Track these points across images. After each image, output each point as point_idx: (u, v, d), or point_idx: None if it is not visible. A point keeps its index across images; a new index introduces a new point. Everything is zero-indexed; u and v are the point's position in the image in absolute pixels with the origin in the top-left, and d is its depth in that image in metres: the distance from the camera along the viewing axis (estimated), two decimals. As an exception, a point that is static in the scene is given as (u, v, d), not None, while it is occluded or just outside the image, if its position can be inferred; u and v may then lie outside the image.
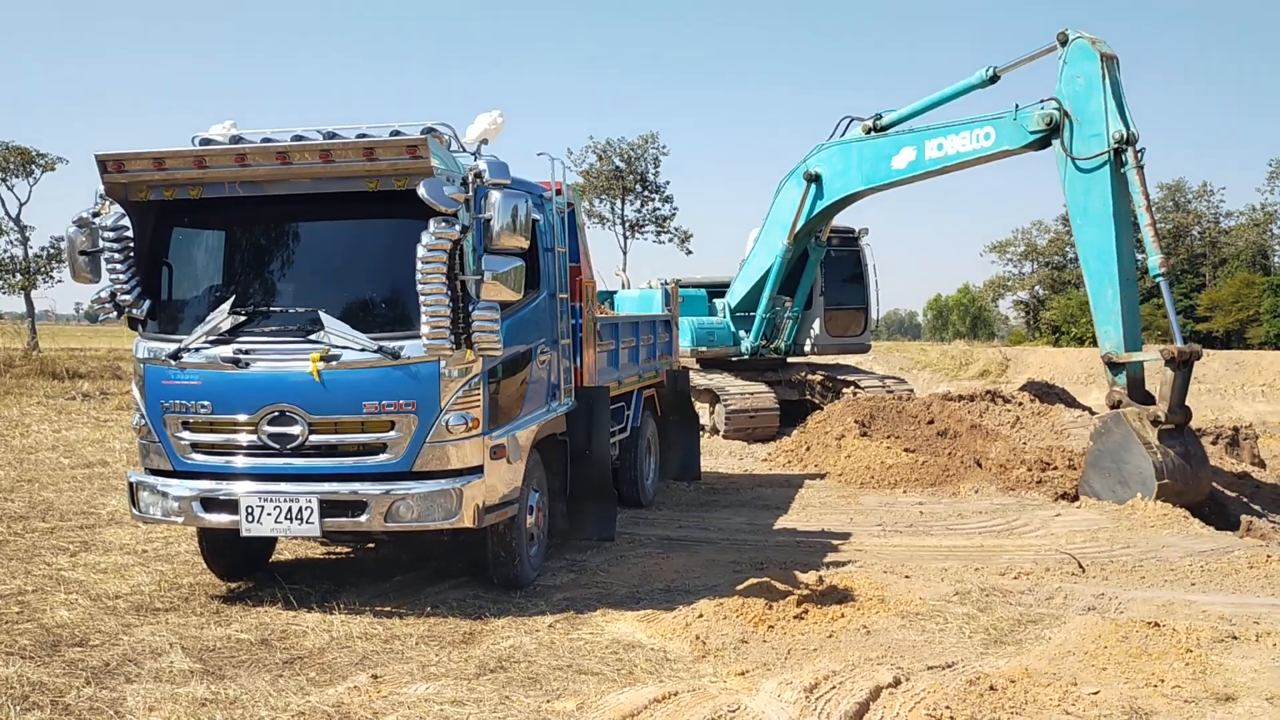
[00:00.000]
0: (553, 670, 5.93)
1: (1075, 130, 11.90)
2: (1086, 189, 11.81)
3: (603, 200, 59.90)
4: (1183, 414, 10.92)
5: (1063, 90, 12.05)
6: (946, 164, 13.67)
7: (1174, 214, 72.96)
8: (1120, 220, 11.58)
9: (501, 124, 7.62)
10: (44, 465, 13.44)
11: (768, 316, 18.03)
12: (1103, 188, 11.59)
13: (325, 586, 7.74)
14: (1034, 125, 12.28)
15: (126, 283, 7.17)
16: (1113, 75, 11.59)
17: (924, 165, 13.94)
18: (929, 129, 14.02)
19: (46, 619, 6.87)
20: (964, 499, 11.81)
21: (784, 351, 18.77)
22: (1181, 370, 10.77)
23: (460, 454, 6.97)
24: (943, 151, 13.62)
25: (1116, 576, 8.20)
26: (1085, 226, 11.94)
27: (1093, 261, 11.94)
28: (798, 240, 16.79)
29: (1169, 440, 10.87)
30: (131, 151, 6.98)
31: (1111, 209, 11.53)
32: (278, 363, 6.95)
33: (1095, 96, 11.63)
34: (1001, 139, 12.89)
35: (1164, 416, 10.77)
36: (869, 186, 15.14)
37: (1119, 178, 11.48)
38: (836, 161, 15.60)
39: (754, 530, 10.19)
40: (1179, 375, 10.76)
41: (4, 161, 50.59)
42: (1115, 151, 11.43)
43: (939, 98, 14.28)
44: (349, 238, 7.43)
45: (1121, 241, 11.61)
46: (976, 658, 6.04)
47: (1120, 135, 11.37)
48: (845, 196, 15.62)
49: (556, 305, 8.49)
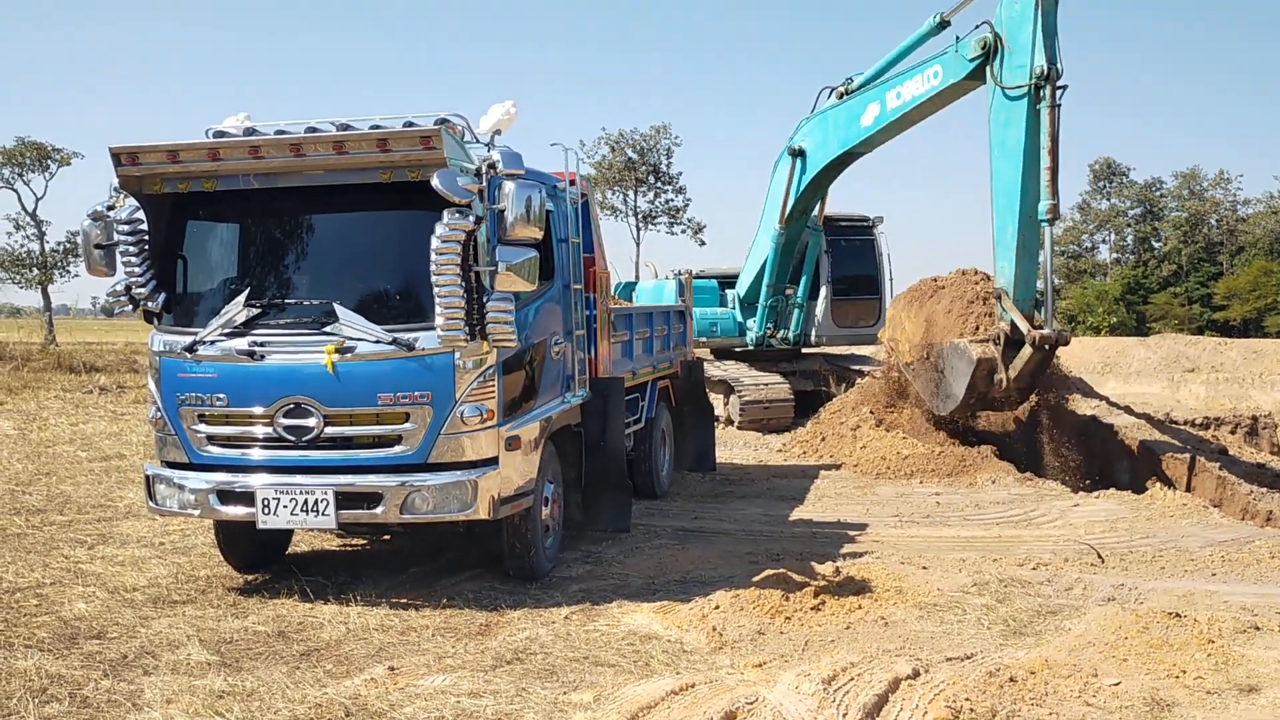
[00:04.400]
0: (569, 662, 5.91)
1: (1006, 59, 11.69)
2: (1006, 121, 11.64)
3: (615, 192, 59.89)
4: (1017, 395, 10.95)
5: (1001, 15, 11.84)
6: (907, 109, 13.52)
7: (1190, 201, 72.49)
8: (1030, 157, 11.37)
9: (515, 114, 7.59)
10: (61, 458, 13.51)
11: (769, 305, 17.95)
12: (1020, 121, 11.41)
13: (341, 578, 7.75)
14: (971, 52, 12.09)
15: (141, 276, 7.18)
16: (1046, 8, 11.34)
17: (888, 116, 13.84)
18: (887, 80, 13.96)
19: (65, 611, 6.90)
20: (981, 489, 11.74)
21: (792, 341, 18.59)
22: (1039, 352, 10.63)
23: (475, 445, 6.96)
24: (901, 99, 13.53)
25: (1136, 567, 8.14)
26: (999, 159, 11.77)
27: (1000, 196, 11.76)
28: (791, 223, 16.67)
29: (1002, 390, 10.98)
30: (146, 145, 6.98)
31: (1024, 145, 11.34)
32: (293, 355, 6.95)
33: (1027, 26, 11.43)
34: (947, 73, 12.74)
35: (1002, 385, 10.80)
36: (845, 149, 15.05)
37: (1036, 114, 11.31)
38: (816, 133, 15.58)
39: (770, 521, 10.16)
40: (1035, 356, 10.65)
41: (20, 157, 50.93)
42: (1036, 87, 11.25)
43: (896, 53, 14.07)
44: (363, 229, 7.41)
45: (1028, 180, 11.42)
46: (996, 649, 6.00)
47: (1042, 70, 11.15)
48: (827, 165, 15.55)
49: (571, 296, 8.46)
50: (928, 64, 13.11)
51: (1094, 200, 76.82)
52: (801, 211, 16.76)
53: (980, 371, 10.90)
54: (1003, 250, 11.62)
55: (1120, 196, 76.24)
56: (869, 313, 18.98)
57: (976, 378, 10.92)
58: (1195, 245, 71.37)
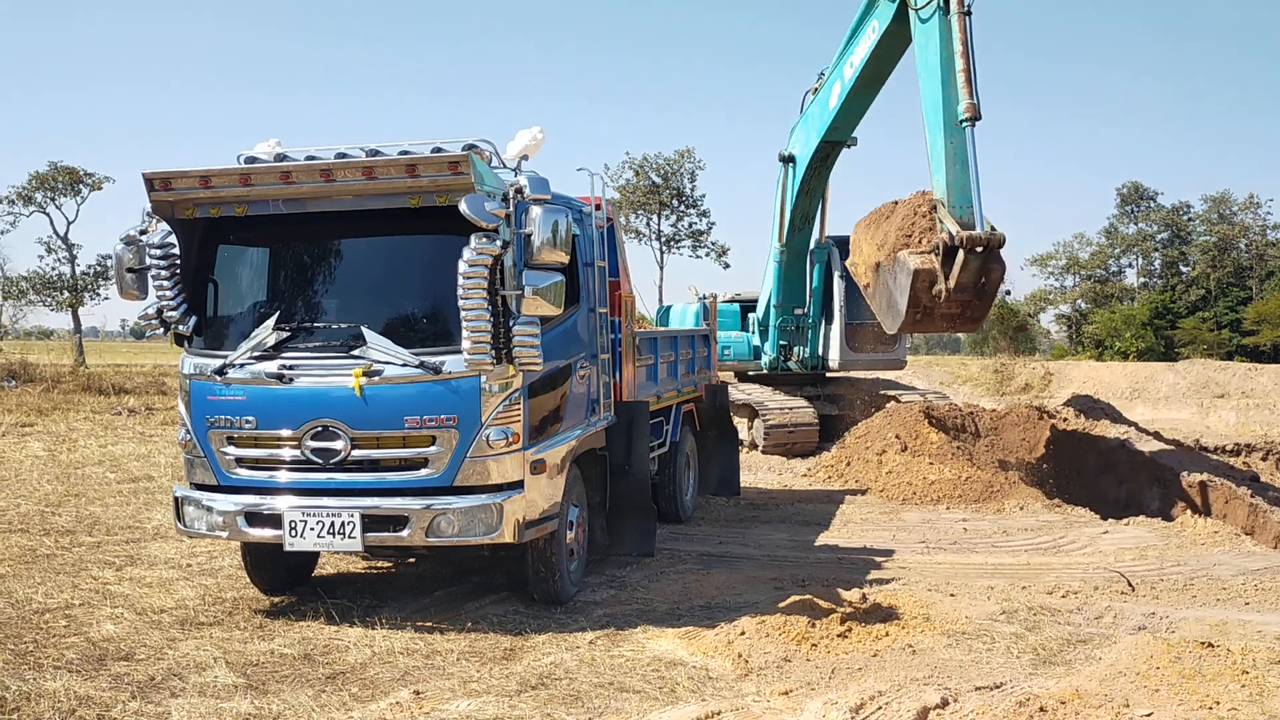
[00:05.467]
0: (594, 688, 5.89)
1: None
2: (925, 43, 11.57)
3: (639, 215, 60.05)
4: (961, 307, 10.72)
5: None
6: (861, 73, 13.44)
7: (1220, 225, 71.89)
8: (947, 68, 11.23)
9: (542, 140, 7.66)
10: (90, 480, 13.62)
11: (779, 326, 17.88)
12: (935, 37, 11.35)
13: (367, 601, 7.76)
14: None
15: (173, 299, 7.25)
16: None
17: (847, 87, 13.81)
18: (842, 55, 13.95)
19: (93, 632, 6.94)
20: (1009, 515, 11.64)
21: (809, 365, 18.42)
22: (974, 256, 10.42)
23: (501, 469, 6.98)
24: (854, 66, 13.49)
25: (1167, 595, 8.03)
26: (924, 80, 11.67)
27: (929, 115, 11.57)
28: (793, 237, 16.66)
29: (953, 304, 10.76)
30: (178, 170, 7.07)
31: (940, 57, 11.25)
32: (321, 378, 7.00)
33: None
34: (881, 21, 12.66)
35: (942, 296, 10.62)
36: (822, 138, 15.06)
37: (948, 26, 11.20)
38: (800, 133, 15.69)
39: (795, 546, 10.11)
40: (972, 262, 10.42)
41: (52, 181, 51.67)
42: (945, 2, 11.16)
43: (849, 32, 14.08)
44: (391, 254, 7.47)
45: (948, 90, 11.24)
46: (1025, 678, 5.93)
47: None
48: (811, 161, 15.61)
49: (596, 320, 8.48)
50: (865, 22, 13.12)
51: (1121, 224, 76.35)
52: (803, 220, 16.74)
53: (919, 283, 10.64)
54: (935, 163, 11.42)
55: (1148, 221, 75.72)
56: (888, 337, 18.50)
57: (917, 290, 10.65)
58: (1224, 270, 70.70)
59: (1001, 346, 43.76)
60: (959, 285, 10.54)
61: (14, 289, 54.55)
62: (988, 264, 10.60)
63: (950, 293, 10.62)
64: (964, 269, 10.51)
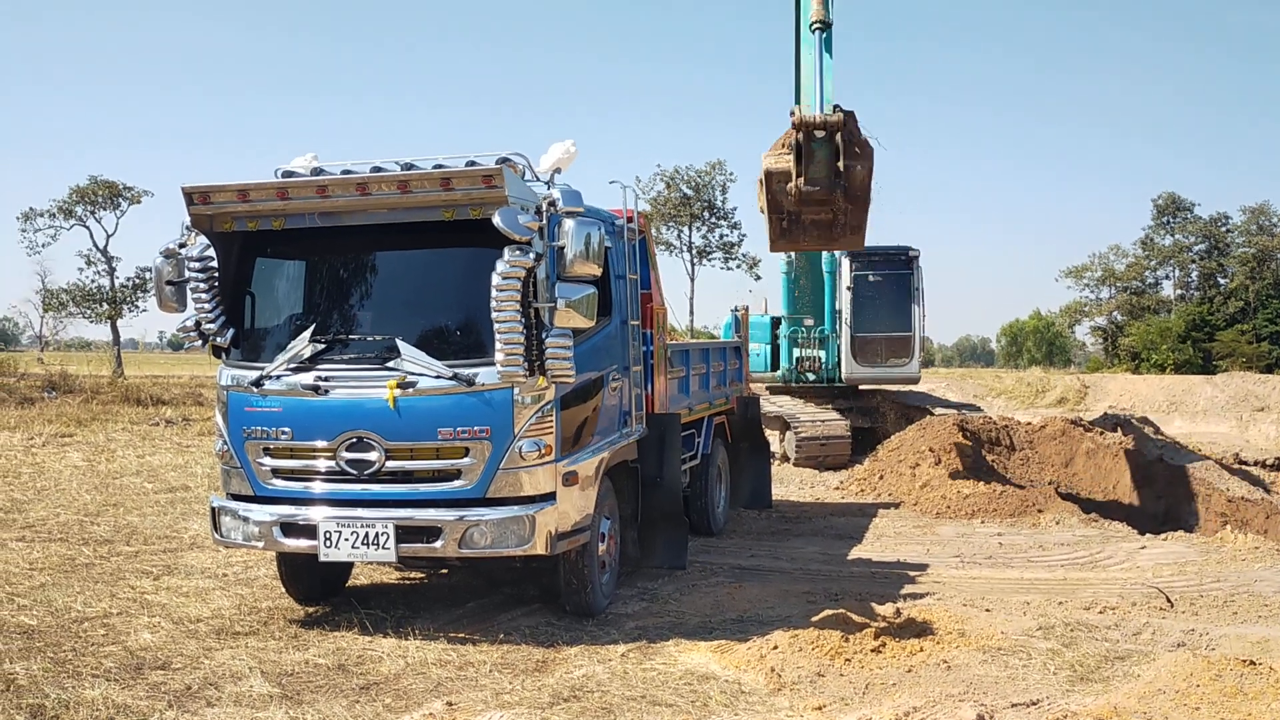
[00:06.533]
0: (626, 701, 5.88)
1: None
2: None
3: (670, 227, 60.12)
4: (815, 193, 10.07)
5: None
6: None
7: (1259, 237, 70.92)
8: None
9: (575, 154, 7.70)
10: (128, 490, 13.79)
11: (788, 339, 17.83)
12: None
13: (400, 612, 7.79)
14: None
15: (211, 312, 7.34)
16: None
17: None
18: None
19: (130, 641, 7.02)
20: (1045, 530, 11.52)
21: (824, 378, 18.30)
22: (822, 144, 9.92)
23: (533, 480, 6.99)
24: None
25: (1207, 611, 7.91)
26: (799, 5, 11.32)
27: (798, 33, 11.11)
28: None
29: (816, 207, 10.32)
30: (217, 184, 7.17)
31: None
32: (356, 390, 7.05)
33: None
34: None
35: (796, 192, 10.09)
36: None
37: None
38: None
39: (828, 560, 10.05)
40: (818, 151, 9.93)
41: (93, 195, 52.55)
42: None
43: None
44: (425, 266, 7.52)
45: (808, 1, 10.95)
46: (1062, 695, 5.85)
47: None
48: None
49: (628, 332, 8.50)
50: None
51: (1157, 235, 75.50)
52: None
53: (775, 185, 10.19)
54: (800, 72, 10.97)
55: (1184, 232, 74.83)
56: (900, 350, 18.10)
57: (773, 191, 10.19)
58: (1264, 281, 69.67)
59: (1036, 359, 43.38)
60: (810, 179, 10.02)
61: (55, 301, 55.62)
62: (847, 158, 10.03)
63: (803, 191, 10.08)
64: (812, 161, 10.03)
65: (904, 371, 18.16)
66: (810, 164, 10.13)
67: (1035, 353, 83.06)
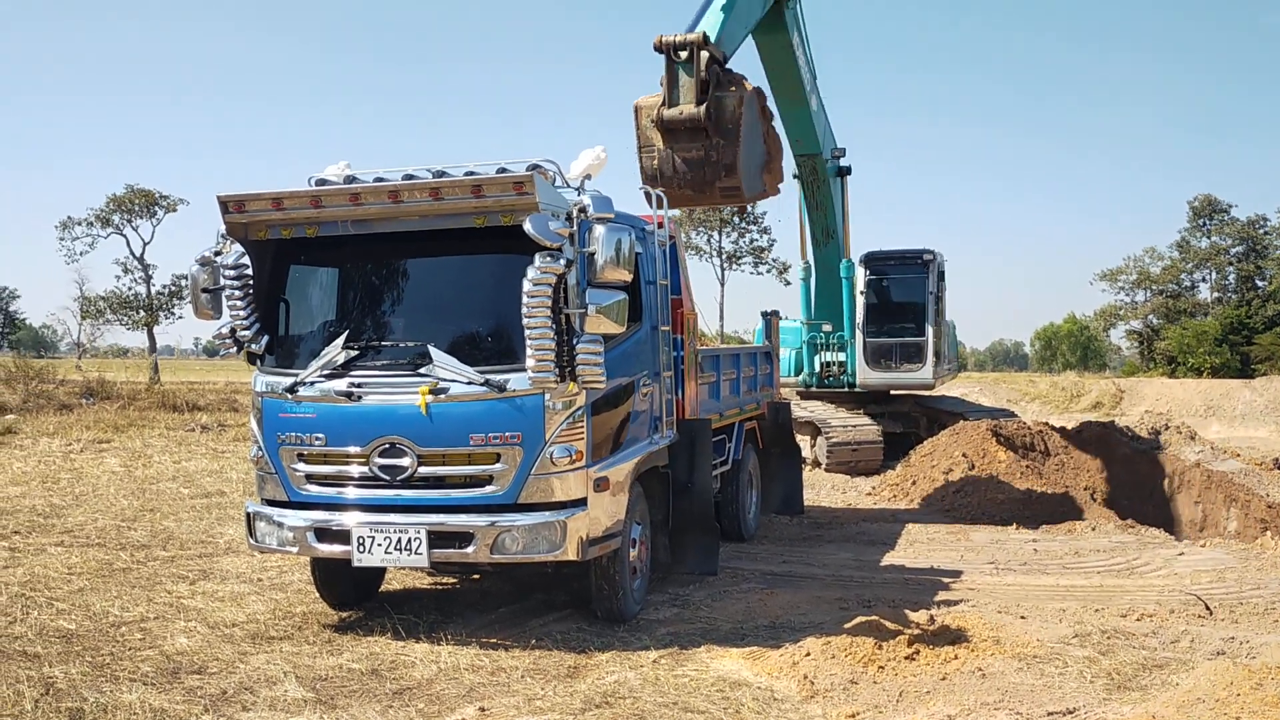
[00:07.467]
0: (659, 707, 5.87)
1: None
2: None
3: (700, 232, 60.04)
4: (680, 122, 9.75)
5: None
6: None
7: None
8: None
9: (605, 160, 7.71)
10: (165, 495, 13.94)
11: (807, 343, 17.78)
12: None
13: (432, 617, 7.83)
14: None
15: (246, 319, 7.42)
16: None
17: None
18: None
19: (167, 646, 7.09)
20: (1080, 536, 11.39)
21: (844, 383, 18.15)
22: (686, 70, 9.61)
23: (564, 486, 7.01)
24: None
25: (1247, 619, 7.79)
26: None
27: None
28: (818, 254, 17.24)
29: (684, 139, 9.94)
30: (252, 193, 7.24)
31: None
32: (389, 396, 7.10)
33: None
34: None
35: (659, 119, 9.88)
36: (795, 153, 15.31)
37: None
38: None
39: (860, 566, 9.99)
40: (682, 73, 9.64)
41: (129, 204, 53.27)
42: None
43: None
44: (457, 273, 7.56)
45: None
46: (1099, 704, 5.79)
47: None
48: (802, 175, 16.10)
49: (658, 338, 8.50)
50: None
51: (1193, 238, 74.56)
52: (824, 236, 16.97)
53: (642, 119, 10.03)
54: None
55: (1221, 234, 73.84)
56: (914, 354, 17.84)
57: (641, 126, 10.05)
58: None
59: (1070, 363, 43.03)
60: (672, 102, 9.78)
61: (92, 308, 56.40)
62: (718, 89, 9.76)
63: (665, 118, 9.78)
64: (674, 85, 9.73)
65: (917, 377, 17.81)
66: (672, 89, 9.87)
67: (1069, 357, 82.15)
